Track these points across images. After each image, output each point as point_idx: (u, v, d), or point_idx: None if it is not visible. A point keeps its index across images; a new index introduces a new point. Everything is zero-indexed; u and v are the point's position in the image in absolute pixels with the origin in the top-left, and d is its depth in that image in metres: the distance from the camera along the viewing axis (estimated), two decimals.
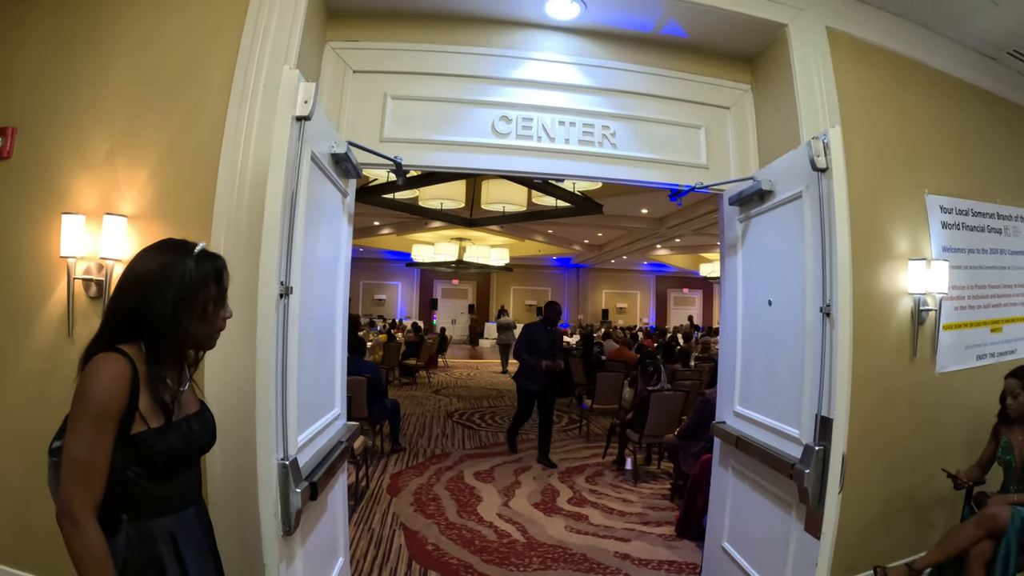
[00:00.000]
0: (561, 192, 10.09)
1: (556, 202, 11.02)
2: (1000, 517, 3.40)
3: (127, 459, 1.61)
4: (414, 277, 27.71)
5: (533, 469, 7.10)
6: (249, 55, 3.10)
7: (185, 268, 1.70)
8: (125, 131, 3.13)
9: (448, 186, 10.61)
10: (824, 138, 2.76)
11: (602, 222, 15.57)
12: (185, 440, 1.74)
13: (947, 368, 4.31)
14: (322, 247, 2.77)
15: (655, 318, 29.99)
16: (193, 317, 1.72)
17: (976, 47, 4.54)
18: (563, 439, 8.82)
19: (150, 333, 1.66)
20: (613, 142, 3.79)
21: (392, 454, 7.52)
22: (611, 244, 21.55)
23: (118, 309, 1.70)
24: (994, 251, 4.71)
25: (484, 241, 19.93)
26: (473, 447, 8.18)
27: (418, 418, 9.97)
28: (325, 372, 2.94)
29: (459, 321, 28.52)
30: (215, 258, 1.81)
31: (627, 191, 11.07)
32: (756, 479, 3.36)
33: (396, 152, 3.25)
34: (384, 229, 17.79)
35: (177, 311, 1.67)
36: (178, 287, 1.68)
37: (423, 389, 13.47)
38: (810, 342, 2.84)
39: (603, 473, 7.00)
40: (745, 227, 3.63)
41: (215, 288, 1.78)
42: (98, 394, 1.56)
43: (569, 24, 3.76)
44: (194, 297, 1.71)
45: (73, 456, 1.53)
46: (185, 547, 1.73)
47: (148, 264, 1.71)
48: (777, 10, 3.70)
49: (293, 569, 2.36)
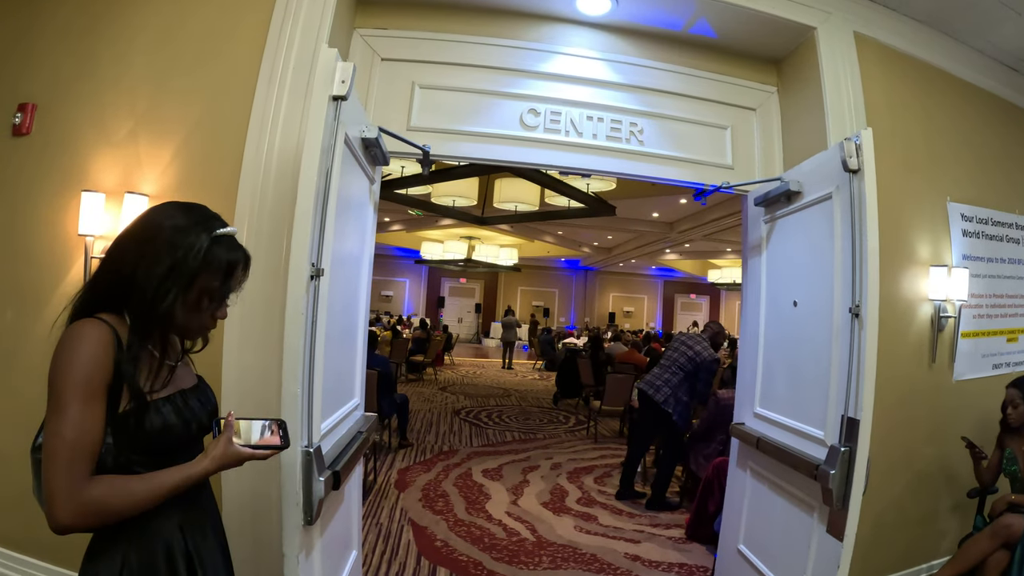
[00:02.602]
0: (574, 192, 10.07)
1: (569, 202, 11.00)
2: (1015, 527, 3.40)
3: (120, 444, 1.42)
4: (422, 274, 27.73)
5: (541, 468, 7.07)
6: (279, 38, 3.09)
7: (195, 243, 1.50)
8: (149, 109, 3.11)
9: (461, 183, 10.60)
10: (856, 139, 2.74)
11: (613, 224, 15.57)
12: (182, 417, 1.55)
13: (964, 376, 4.31)
14: (350, 233, 2.74)
15: (661, 323, 29.97)
16: (179, 300, 1.49)
17: (1000, 58, 4.55)
18: (571, 440, 8.80)
19: (134, 300, 1.46)
20: (640, 139, 3.77)
21: (400, 449, 7.52)
22: (620, 247, 21.55)
23: (107, 264, 1.52)
24: (1012, 261, 4.71)
25: (493, 240, 19.95)
26: (480, 444, 8.16)
27: (425, 414, 9.96)
28: (347, 360, 2.91)
29: (465, 320, 28.54)
30: (235, 250, 1.59)
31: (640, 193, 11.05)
32: (776, 480, 3.33)
33: (424, 141, 3.22)
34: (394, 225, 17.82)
35: (164, 285, 1.46)
36: (177, 260, 1.47)
37: (430, 386, 13.47)
38: (837, 342, 2.81)
39: (611, 474, 6.95)
40: (770, 228, 3.60)
41: (218, 282, 1.56)
42: (79, 363, 1.36)
43: (599, 20, 3.75)
44: (190, 280, 1.49)
45: (59, 437, 1.32)
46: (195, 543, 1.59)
47: (161, 219, 1.52)
48: (806, 13, 3.70)
49: (311, 560, 2.32)
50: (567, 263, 28.16)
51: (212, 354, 2.74)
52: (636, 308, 30.32)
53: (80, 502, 1.32)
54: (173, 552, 1.53)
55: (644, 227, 16.49)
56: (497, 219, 13.45)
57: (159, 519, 1.50)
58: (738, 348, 4.07)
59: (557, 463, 7.37)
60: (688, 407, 5.89)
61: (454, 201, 11.62)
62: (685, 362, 5.78)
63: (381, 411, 6.92)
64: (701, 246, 18.61)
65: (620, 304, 29.95)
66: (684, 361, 5.79)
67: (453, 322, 26.96)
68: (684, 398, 5.79)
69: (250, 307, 2.78)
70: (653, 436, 6.22)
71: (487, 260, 19.47)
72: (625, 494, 6.09)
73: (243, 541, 2.80)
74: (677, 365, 5.81)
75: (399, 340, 13.96)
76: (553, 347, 18.46)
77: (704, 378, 5.79)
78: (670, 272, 28.70)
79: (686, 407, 5.85)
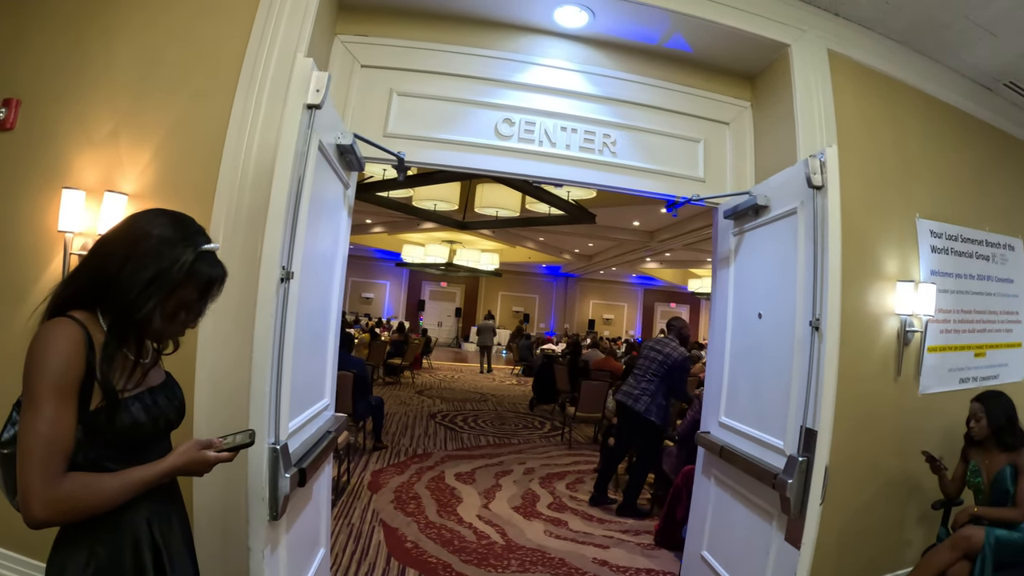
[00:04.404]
0: (555, 199, 10.11)
1: (549, 209, 11.05)
2: (974, 538, 3.45)
3: (90, 440, 1.48)
4: (403, 277, 27.63)
5: (514, 473, 7.10)
6: (260, 43, 3.12)
7: (181, 256, 1.56)
8: (130, 110, 3.14)
9: (442, 187, 10.60)
10: (821, 157, 2.82)
11: (594, 232, 15.60)
12: (150, 414, 1.59)
13: (930, 389, 4.37)
14: (322, 237, 2.79)
15: (641, 331, 30.04)
16: (158, 309, 1.55)
17: (974, 77, 4.62)
18: (545, 445, 8.83)
19: (112, 302, 1.51)
20: (613, 150, 3.84)
21: (374, 451, 7.52)
22: (601, 255, 21.59)
23: (91, 261, 1.57)
24: (981, 277, 4.78)
25: (475, 245, 19.92)
26: (455, 448, 8.18)
27: (401, 417, 9.96)
28: (317, 361, 2.96)
29: (446, 324, 28.49)
30: (215, 266, 1.65)
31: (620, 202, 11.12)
32: (738, 489, 3.40)
33: (399, 148, 3.27)
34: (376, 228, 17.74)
35: (146, 292, 1.51)
36: (161, 270, 1.53)
37: (407, 389, 13.46)
38: (798, 355, 2.89)
39: (584, 480, 7.00)
40: (739, 241, 3.68)
41: (196, 296, 1.64)
42: (52, 362, 1.41)
43: (576, 32, 3.81)
44: (171, 291, 1.56)
45: (35, 433, 1.37)
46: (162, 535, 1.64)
47: (150, 227, 1.58)
48: (781, 30, 3.77)
49: (277, 555, 2.37)
50: (548, 269, 28.15)
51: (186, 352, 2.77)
52: (616, 316, 30.39)
53: (54, 498, 1.37)
54: (140, 544, 1.58)
55: (625, 235, 16.52)
56: (478, 224, 13.46)
57: (127, 511, 1.55)
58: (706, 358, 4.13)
59: (530, 468, 7.41)
60: (667, 409, 5.97)
61: (435, 205, 11.62)
62: (657, 367, 5.84)
63: (356, 413, 6.94)
64: (681, 255, 18.66)
65: (600, 311, 30.01)
66: (656, 367, 5.86)
67: (433, 326, 26.88)
68: (662, 402, 5.86)
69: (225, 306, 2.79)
70: (632, 445, 6.28)
71: (468, 264, 19.44)
72: (599, 500, 6.15)
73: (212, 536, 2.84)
74: (651, 372, 5.87)
75: (377, 343, 13.95)
76: (531, 352, 18.49)
77: (679, 376, 5.86)
78: (650, 281, 28.79)
79: (665, 410, 5.93)
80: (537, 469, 7.39)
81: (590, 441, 9.34)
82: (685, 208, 3.86)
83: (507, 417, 10.96)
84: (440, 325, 28.11)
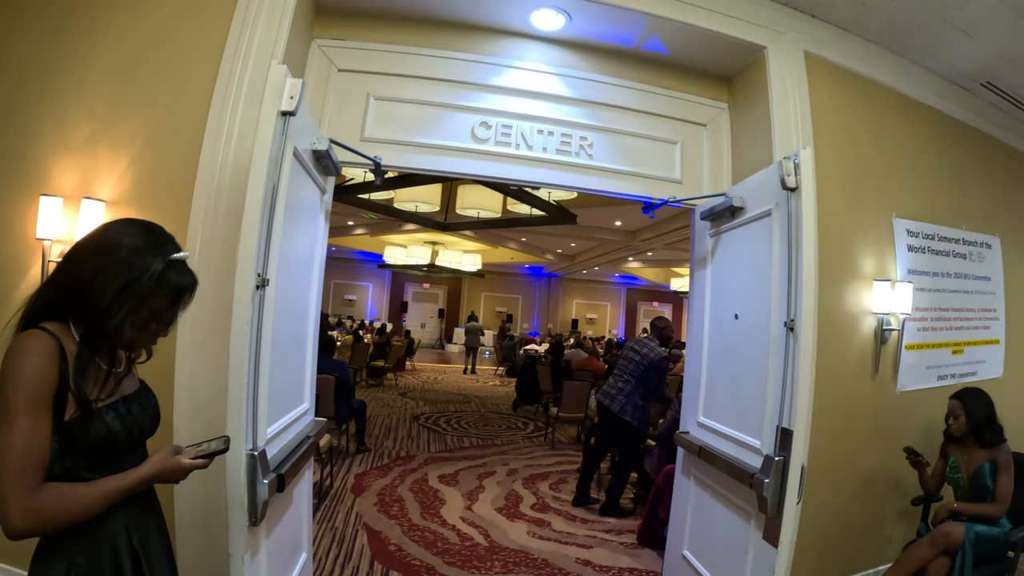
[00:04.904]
0: (536, 200, 10.14)
1: (531, 210, 11.07)
2: (953, 535, 3.49)
3: (66, 450, 1.48)
4: (385, 279, 27.59)
5: (497, 474, 7.11)
6: (236, 49, 3.10)
7: (150, 266, 1.57)
8: (108, 117, 3.11)
9: (424, 189, 10.61)
10: (795, 159, 2.84)
11: (576, 232, 15.65)
12: (124, 423, 1.60)
13: (908, 387, 4.42)
14: (299, 242, 2.79)
15: (624, 330, 30.14)
16: (129, 318, 1.55)
17: (951, 78, 4.67)
18: (528, 446, 8.85)
19: (83, 312, 1.52)
20: (590, 153, 3.85)
21: (357, 454, 7.51)
22: (583, 255, 21.66)
23: (63, 271, 1.58)
24: (958, 275, 4.83)
25: (457, 246, 19.93)
26: (438, 450, 8.17)
27: (384, 420, 9.94)
28: (296, 366, 2.96)
29: (429, 325, 28.46)
30: (185, 275, 1.67)
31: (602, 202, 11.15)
32: (717, 488, 3.43)
33: (376, 152, 3.27)
34: (358, 229, 17.72)
35: (116, 302, 1.52)
36: (131, 279, 1.55)
37: (390, 391, 13.42)
38: (774, 355, 2.92)
39: (567, 480, 7.02)
40: (715, 242, 3.71)
41: (167, 305, 1.64)
42: (26, 375, 1.41)
43: (553, 35, 3.82)
44: (141, 301, 1.57)
45: (11, 446, 1.38)
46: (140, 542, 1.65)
47: (120, 237, 1.59)
48: (757, 32, 3.79)
49: (258, 560, 2.37)
50: (531, 270, 28.21)
51: (164, 359, 2.78)
52: (599, 315, 30.48)
53: (32, 508, 1.39)
54: (119, 551, 1.59)
55: (607, 235, 16.59)
56: (460, 225, 13.48)
57: (106, 520, 1.56)
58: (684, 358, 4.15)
59: (513, 469, 7.42)
60: (645, 410, 5.97)
61: (416, 207, 11.63)
62: (634, 368, 5.87)
63: (339, 416, 6.91)
64: (663, 254, 18.73)
65: (583, 311, 30.08)
66: (633, 367, 5.88)
67: (416, 327, 26.85)
68: (639, 403, 5.87)
69: (203, 314, 2.81)
70: (612, 445, 6.30)
71: (451, 266, 19.45)
72: (582, 500, 6.17)
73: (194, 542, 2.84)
74: (628, 372, 5.90)
75: (360, 345, 13.91)
76: (515, 353, 18.52)
77: (655, 378, 5.87)
78: (633, 280, 28.90)
79: (643, 411, 5.93)
80: (520, 470, 7.41)
81: (573, 441, 9.37)
82: (666, 208, 3.88)
83: (490, 418, 10.96)
84: (423, 326, 28.08)
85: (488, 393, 14.54)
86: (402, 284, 28.12)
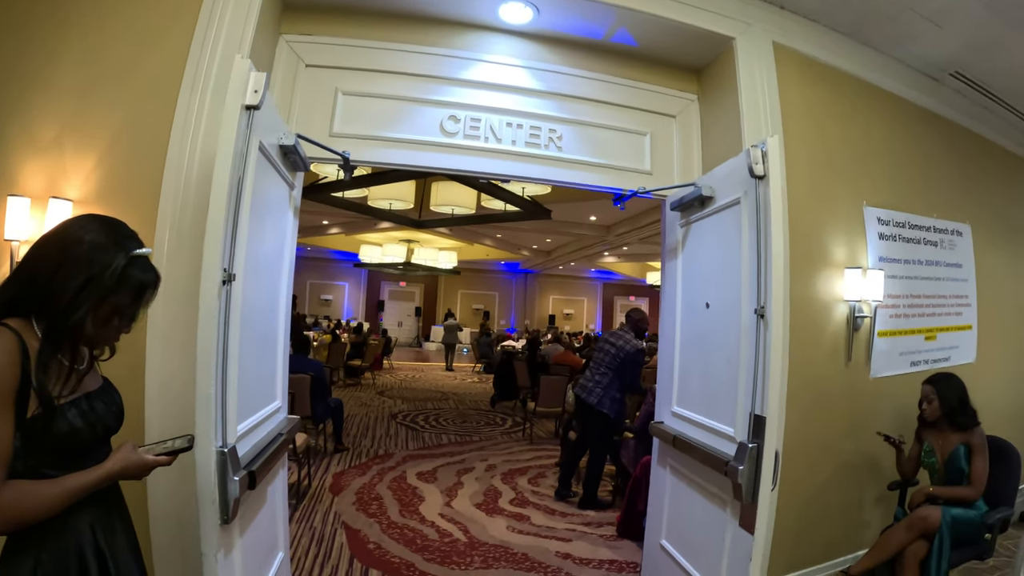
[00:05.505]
0: (510, 196, 10.13)
1: (505, 206, 11.06)
2: (930, 518, 3.52)
3: (29, 447, 1.47)
4: (361, 278, 27.44)
5: (476, 470, 7.12)
6: (203, 43, 3.05)
7: (112, 262, 1.56)
8: (74, 115, 3.04)
9: (397, 186, 10.55)
10: (763, 147, 2.87)
11: (551, 228, 15.68)
12: (87, 420, 1.59)
13: (881, 373, 4.48)
14: (267, 238, 2.76)
15: (601, 324, 30.23)
16: (91, 315, 1.55)
17: (920, 68, 4.73)
18: (507, 441, 8.86)
19: (45, 309, 1.51)
20: (559, 145, 3.85)
21: (335, 454, 7.48)
22: (559, 250, 21.69)
23: (24, 268, 1.56)
24: (930, 263, 4.89)
25: (432, 244, 19.90)
26: (416, 448, 8.16)
27: (362, 419, 9.91)
28: (267, 363, 2.93)
29: (406, 323, 28.38)
30: (148, 271, 1.66)
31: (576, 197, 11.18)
32: (693, 477, 3.45)
33: (345, 147, 3.25)
34: (332, 228, 17.63)
35: (78, 298, 1.51)
36: (93, 275, 1.54)
37: (367, 390, 13.38)
38: (745, 343, 2.94)
39: (546, 475, 7.05)
40: (686, 232, 3.73)
41: (129, 301, 1.63)
42: None
43: (521, 28, 3.81)
44: (103, 297, 1.56)
45: None
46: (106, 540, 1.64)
47: (82, 232, 1.58)
48: (725, 24, 3.81)
49: (232, 559, 2.35)
50: (507, 266, 28.20)
51: (135, 356, 2.75)
52: (576, 310, 30.54)
53: None
54: (84, 550, 1.58)
55: (582, 230, 16.64)
56: (434, 222, 13.44)
57: (70, 517, 1.55)
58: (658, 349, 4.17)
59: (492, 465, 7.43)
60: (622, 402, 6.00)
61: (391, 204, 11.57)
62: (611, 360, 5.89)
63: (315, 416, 6.89)
64: (639, 248, 18.80)
65: (560, 307, 30.13)
66: (609, 359, 5.91)
67: (393, 326, 26.76)
68: (616, 395, 5.89)
69: (173, 309, 2.77)
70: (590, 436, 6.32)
71: (426, 263, 19.42)
72: (564, 493, 6.19)
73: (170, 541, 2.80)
74: (604, 365, 5.92)
75: (337, 344, 13.85)
76: (492, 349, 18.52)
77: (631, 370, 5.90)
78: (609, 275, 28.97)
79: (620, 403, 5.96)
80: (499, 465, 7.42)
81: (551, 435, 9.37)
82: (640, 202, 3.89)
83: (468, 415, 10.96)
84: (400, 325, 27.99)
85: (466, 390, 14.55)
86: (378, 283, 28.00)
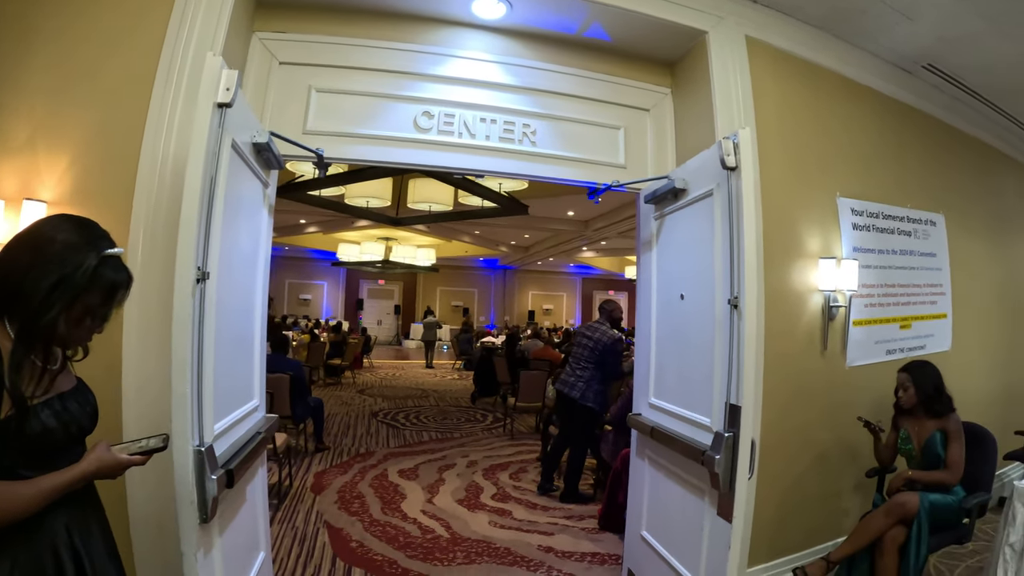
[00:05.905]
0: (487, 192, 10.12)
1: (482, 202, 11.05)
2: (908, 504, 3.56)
3: (2, 448, 1.47)
4: (340, 277, 27.28)
5: (457, 466, 7.13)
6: (175, 41, 3.02)
7: (84, 262, 1.56)
8: (47, 116, 3.00)
9: (374, 184, 10.49)
10: (734, 138, 2.90)
11: (528, 223, 15.65)
12: (61, 420, 1.58)
13: (857, 362, 4.52)
14: (242, 236, 2.75)
15: (580, 319, 30.29)
16: (63, 315, 1.55)
17: (893, 60, 4.77)
18: (488, 437, 8.89)
19: (17, 309, 1.51)
20: (533, 140, 3.87)
21: (316, 453, 7.46)
22: (537, 246, 21.68)
23: None
24: (904, 252, 4.95)
25: (411, 241, 19.82)
26: (397, 445, 8.16)
27: (343, 418, 9.89)
28: (243, 362, 2.92)
29: (385, 322, 28.29)
30: (119, 271, 1.66)
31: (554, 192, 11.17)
32: (671, 468, 3.48)
33: (319, 144, 3.24)
34: (310, 227, 17.51)
35: (50, 298, 1.51)
36: (65, 275, 1.53)
37: (348, 389, 13.35)
38: (719, 333, 2.97)
39: (527, 470, 7.08)
40: (660, 224, 3.75)
41: (101, 301, 1.63)
42: None
43: (494, 23, 3.82)
44: (75, 297, 1.55)
45: None
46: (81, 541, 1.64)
47: (54, 232, 1.58)
48: (698, 18, 3.84)
49: (212, 558, 2.34)
50: (485, 262, 28.17)
51: (111, 356, 2.73)
52: (555, 306, 30.59)
53: None
54: (59, 550, 1.58)
55: (560, 225, 16.63)
56: (411, 219, 13.39)
57: (46, 518, 1.55)
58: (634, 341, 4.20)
59: (473, 461, 7.45)
60: (604, 394, 6.04)
61: (368, 202, 11.51)
62: (589, 353, 5.93)
63: (295, 415, 6.87)
64: (617, 243, 18.81)
65: (539, 302, 30.16)
66: (588, 353, 5.95)
67: (372, 324, 26.67)
68: (598, 387, 5.93)
69: (149, 308, 2.75)
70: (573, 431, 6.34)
71: (405, 261, 19.35)
72: (546, 487, 6.22)
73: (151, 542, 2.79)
74: (584, 359, 5.95)
75: (316, 344, 13.79)
76: (472, 346, 18.52)
77: (611, 360, 5.94)
78: (588, 269, 29.02)
79: (603, 395, 6.00)
80: (480, 461, 7.44)
81: (532, 431, 9.41)
82: (616, 196, 3.91)
83: (449, 412, 10.98)
84: (380, 323, 27.91)
85: (446, 387, 14.54)
86: (357, 281, 27.85)
